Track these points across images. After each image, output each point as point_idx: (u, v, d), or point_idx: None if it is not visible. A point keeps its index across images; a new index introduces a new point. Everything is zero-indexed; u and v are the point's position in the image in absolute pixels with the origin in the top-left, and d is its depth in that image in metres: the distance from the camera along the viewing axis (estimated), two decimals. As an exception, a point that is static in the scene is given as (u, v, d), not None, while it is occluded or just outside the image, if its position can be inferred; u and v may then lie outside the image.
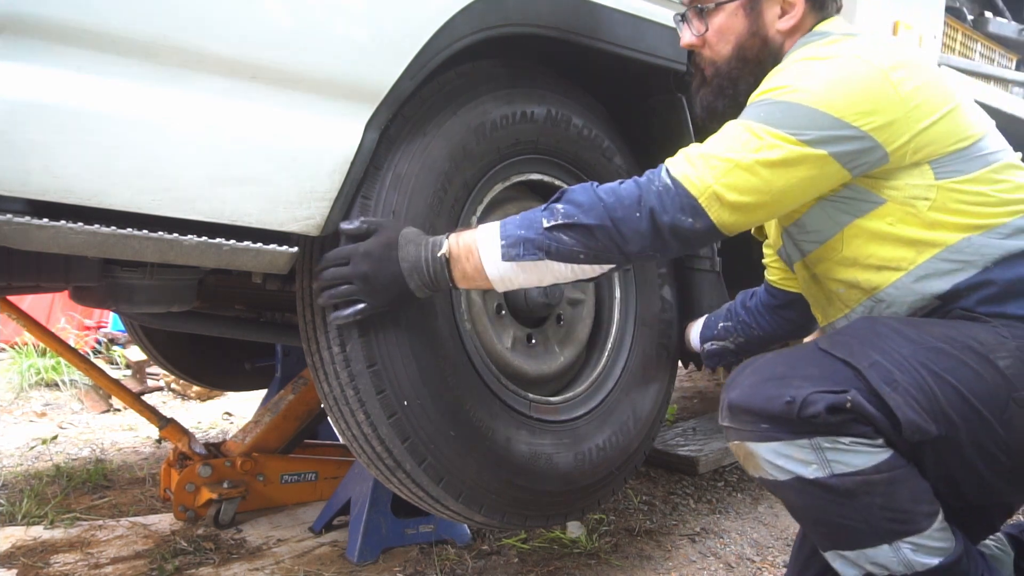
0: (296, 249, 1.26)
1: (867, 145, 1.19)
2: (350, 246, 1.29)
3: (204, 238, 1.16)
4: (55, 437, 3.13)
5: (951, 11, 2.65)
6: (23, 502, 2.26)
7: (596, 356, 1.82)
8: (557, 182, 1.69)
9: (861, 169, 1.22)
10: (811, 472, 1.13)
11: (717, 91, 1.42)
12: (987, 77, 2.74)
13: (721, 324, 1.80)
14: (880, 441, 1.12)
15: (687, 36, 1.44)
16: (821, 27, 1.37)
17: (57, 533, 2.10)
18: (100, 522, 2.18)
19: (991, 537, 1.41)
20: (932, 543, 1.14)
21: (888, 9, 2.17)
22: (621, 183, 1.24)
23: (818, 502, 1.16)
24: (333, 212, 1.27)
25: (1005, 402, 1.12)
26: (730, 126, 1.24)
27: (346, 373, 1.36)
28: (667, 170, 1.22)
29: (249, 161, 1.17)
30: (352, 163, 1.28)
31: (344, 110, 1.26)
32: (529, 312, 1.67)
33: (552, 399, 1.68)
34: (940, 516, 1.16)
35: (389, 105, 1.31)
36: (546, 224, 1.21)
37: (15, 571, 1.85)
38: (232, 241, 1.19)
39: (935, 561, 1.14)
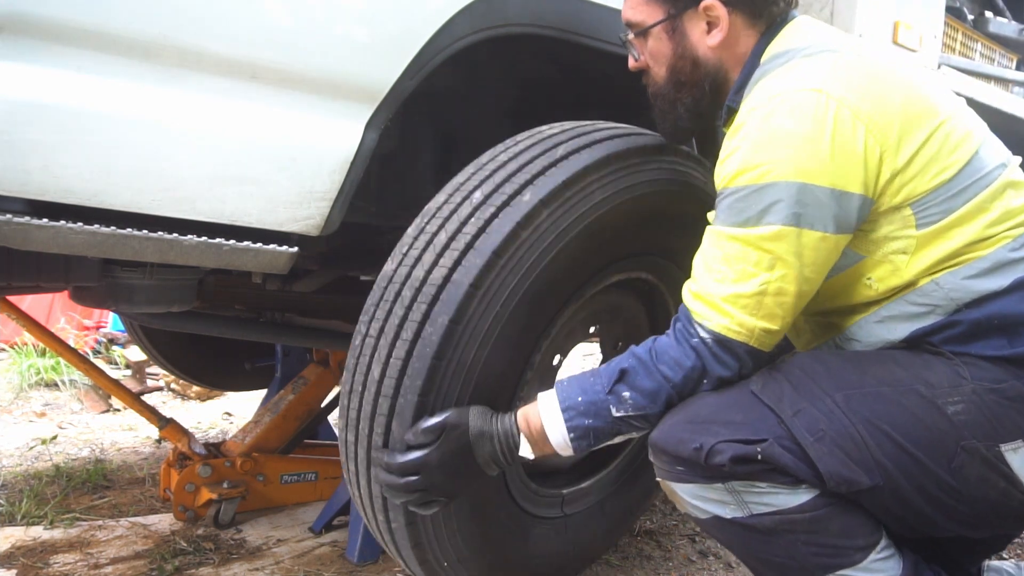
0: (296, 249, 1.26)
1: (859, 202, 1.11)
2: (418, 456, 1.21)
3: (204, 238, 1.16)
4: (55, 437, 3.13)
5: (951, 11, 2.64)
6: (23, 502, 2.26)
7: None
8: None
9: (859, 224, 1.15)
10: (729, 512, 1.12)
11: (660, 114, 1.39)
12: (987, 77, 2.74)
13: None
14: (803, 486, 1.09)
15: (631, 61, 1.42)
16: (777, 46, 1.24)
17: (57, 533, 2.09)
18: (100, 522, 2.18)
19: (1018, 565, 1.37)
20: (868, 574, 1.11)
21: (888, 9, 2.16)
22: (681, 347, 1.16)
23: (740, 539, 1.15)
24: (333, 212, 1.27)
25: (952, 450, 1.06)
26: (728, 245, 1.14)
27: (391, 542, 1.36)
28: (702, 328, 1.14)
29: (249, 161, 1.17)
30: (352, 163, 1.27)
31: (344, 110, 1.26)
32: None
33: (584, 484, 1.64)
34: (880, 545, 1.12)
35: (389, 105, 1.31)
36: (615, 413, 1.17)
37: (15, 571, 1.85)
38: (232, 241, 1.19)
39: None
